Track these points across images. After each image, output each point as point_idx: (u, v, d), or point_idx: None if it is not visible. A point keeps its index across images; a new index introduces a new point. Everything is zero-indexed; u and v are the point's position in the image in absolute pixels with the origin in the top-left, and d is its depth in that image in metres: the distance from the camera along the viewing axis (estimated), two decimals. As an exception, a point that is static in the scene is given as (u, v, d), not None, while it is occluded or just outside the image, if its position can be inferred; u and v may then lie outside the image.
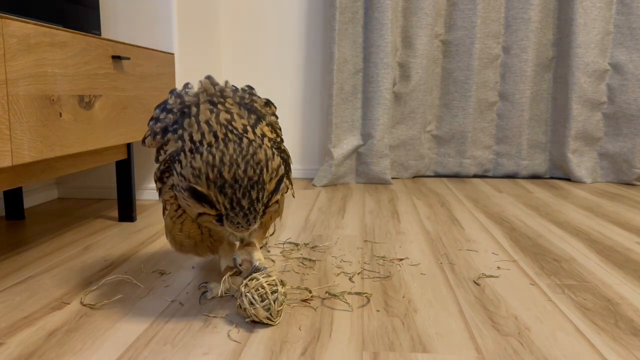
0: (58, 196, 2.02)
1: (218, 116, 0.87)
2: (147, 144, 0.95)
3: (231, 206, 0.82)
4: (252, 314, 0.88)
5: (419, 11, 2.33)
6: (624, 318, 0.92)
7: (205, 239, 1.01)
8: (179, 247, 1.04)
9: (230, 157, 0.82)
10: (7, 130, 0.96)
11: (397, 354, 0.79)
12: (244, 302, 0.88)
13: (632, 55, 2.29)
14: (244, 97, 0.95)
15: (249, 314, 0.88)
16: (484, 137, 2.49)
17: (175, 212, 0.94)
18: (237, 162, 0.82)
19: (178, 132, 0.88)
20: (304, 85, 2.48)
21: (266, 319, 0.88)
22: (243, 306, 0.88)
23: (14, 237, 1.45)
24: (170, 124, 0.90)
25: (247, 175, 0.82)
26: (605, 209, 1.82)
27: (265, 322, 0.88)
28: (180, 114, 0.90)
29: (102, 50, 1.32)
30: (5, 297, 1.02)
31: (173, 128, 0.89)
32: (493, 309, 0.96)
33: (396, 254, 1.29)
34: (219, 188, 0.81)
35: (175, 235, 1.00)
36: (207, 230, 0.99)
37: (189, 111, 0.90)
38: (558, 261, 1.24)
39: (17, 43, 0.99)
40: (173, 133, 0.89)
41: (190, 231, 0.98)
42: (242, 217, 0.83)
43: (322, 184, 2.30)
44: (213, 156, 0.82)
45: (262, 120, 0.93)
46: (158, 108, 0.96)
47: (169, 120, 0.91)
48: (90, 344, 0.82)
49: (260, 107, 0.95)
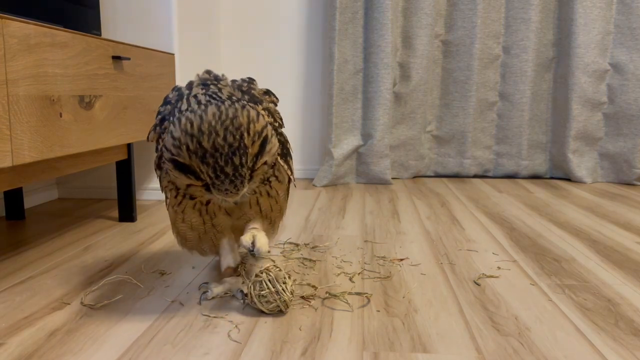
0: (58, 196, 2.02)
1: (207, 90, 0.88)
2: (150, 137, 0.96)
3: (215, 175, 0.82)
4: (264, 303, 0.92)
5: (419, 11, 2.33)
6: (624, 318, 0.92)
7: (208, 229, 1.01)
8: (183, 241, 1.03)
9: (208, 125, 0.81)
10: (7, 131, 0.96)
11: (397, 354, 0.79)
12: (255, 291, 0.92)
13: (633, 55, 2.29)
14: (242, 85, 0.95)
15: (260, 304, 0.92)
16: (484, 137, 2.49)
17: (175, 198, 0.94)
18: (216, 130, 0.80)
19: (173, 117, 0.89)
20: (304, 85, 2.48)
21: (277, 308, 0.92)
22: (254, 294, 0.92)
23: (15, 237, 1.45)
24: (168, 113, 0.91)
25: (227, 142, 0.80)
26: (605, 209, 1.82)
27: (275, 312, 0.93)
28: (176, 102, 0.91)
29: (102, 51, 1.32)
30: (5, 297, 1.02)
31: (169, 118, 0.90)
32: (493, 309, 0.96)
33: (396, 254, 1.29)
34: (200, 158, 0.81)
35: (179, 228, 1.00)
36: (209, 219, 0.99)
37: (182, 93, 0.91)
38: (558, 261, 1.24)
39: (18, 43, 0.99)
40: (169, 121, 0.89)
41: (192, 220, 0.98)
42: (230, 184, 0.82)
43: (322, 184, 2.30)
44: (191, 123, 0.81)
45: (258, 104, 0.92)
46: (161, 106, 0.97)
47: (167, 110, 0.92)
48: (91, 344, 0.82)
49: (258, 94, 0.95)
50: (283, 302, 0.92)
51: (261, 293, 0.92)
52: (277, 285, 0.92)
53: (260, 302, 0.92)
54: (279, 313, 0.93)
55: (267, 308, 0.92)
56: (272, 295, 0.91)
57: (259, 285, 0.92)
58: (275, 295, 0.91)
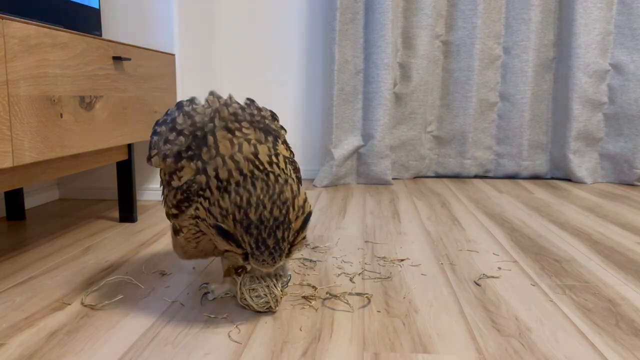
0: (59, 197, 2.02)
1: (241, 148, 0.86)
2: (154, 164, 0.93)
3: (257, 245, 0.83)
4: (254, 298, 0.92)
5: (419, 12, 2.33)
6: (625, 319, 0.92)
7: (217, 253, 1.01)
8: (187, 257, 1.02)
9: (257, 198, 0.82)
10: (8, 131, 0.96)
11: (397, 355, 0.79)
12: (246, 286, 0.93)
13: (633, 56, 2.29)
14: (253, 114, 0.93)
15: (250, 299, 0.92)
16: (485, 138, 2.49)
17: (194, 234, 0.93)
18: (264, 203, 0.82)
19: (195, 161, 0.86)
20: (305, 85, 2.48)
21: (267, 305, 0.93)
22: (245, 289, 0.93)
23: (15, 238, 1.45)
24: (184, 149, 0.88)
25: (272, 215, 0.82)
26: (606, 209, 1.82)
27: (264, 308, 0.93)
28: (192, 137, 0.88)
29: (103, 51, 1.32)
30: (6, 297, 1.02)
31: (188, 155, 0.87)
32: (494, 310, 0.96)
33: (397, 255, 1.29)
34: (245, 228, 0.82)
35: (188, 250, 0.99)
36: None
37: (204, 139, 0.87)
38: (559, 262, 1.24)
39: (18, 44, 0.99)
40: (188, 160, 0.87)
41: (206, 247, 0.98)
42: (268, 255, 0.84)
43: (322, 185, 2.30)
44: (241, 197, 0.82)
45: (278, 140, 0.92)
46: (164, 125, 0.93)
47: (181, 143, 0.89)
48: (91, 344, 0.82)
49: (270, 123, 0.94)
50: (274, 296, 0.92)
51: (252, 286, 0.92)
52: (268, 280, 0.93)
53: (250, 297, 0.92)
54: (269, 311, 0.93)
55: (257, 303, 0.92)
56: (262, 289, 0.92)
57: (250, 279, 0.93)
58: (267, 289, 0.92)
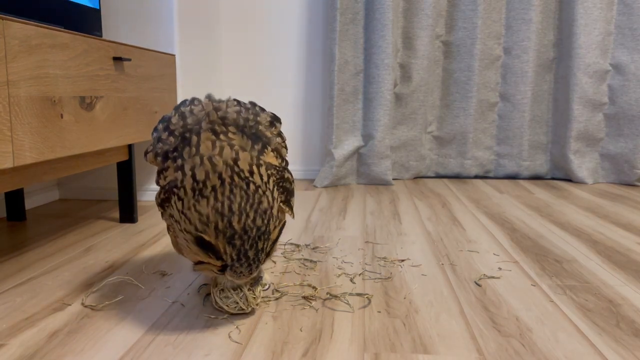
0: (59, 197, 2.02)
1: (222, 152, 0.84)
2: (148, 159, 0.93)
3: (238, 257, 0.81)
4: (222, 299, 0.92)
5: (419, 12, 2.33)
6: (625, 319, 0.92)
7: None
8: (181, 253, 1.02)
9: (239, 205, 0.80)
10: (8, 132, 0.96)
11: (398, 355, 0.79)
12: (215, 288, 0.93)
13: (634, 56, 2.29)
14: (248, 119, 0.91)
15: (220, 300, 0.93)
16: (485, 138, 2.49)
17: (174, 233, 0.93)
18: (246, 211, 0.80)
19: (177, 162, 0.85)
20: (305, 86, 2.48)
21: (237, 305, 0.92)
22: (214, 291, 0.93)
23: (15, 239, 1.45)
24: (171, 149, 0.88)
25: (255, 225, 0.80)
26: (606, 209, 1.82)
27: (235, 310, 0.92)
28: (181, 139, 0.88)
29: (103, 52, 1.32)
30: (6, 298, 1.02)
31: (173, 155, 0.87)
32: (494, 310, 0.96)
33: (397, 255, 1.29)
34: (228, 239, 0.80)
35: (178, 246, 0.99)
36: None
37: (189, 139, 0.87)
38: (559, 262, 1.24)
39: (19, 44, 0.99)
40: (173, 161, 0.86)
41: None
42: (246, 267, 0.82)
43: (323, 185, 2.30)
44: (222, 204, 0.80)
45: (268, 147, 0.90)
46: (162, 122, 0.94)
47: (170, 143, 0.89)
48: (92, 345, 0.82)
49: (264, 129, 0.92)
50: (242, 297, 0.91)
51: (220, 289, 0.93)
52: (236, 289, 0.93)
53: (219, 298, 0.92)
54: (242, 312, 0.92)
55: (226, 304, 0.92)
56: (228, 290, 0.92)
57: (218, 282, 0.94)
58: (232, 290, 0.92)
